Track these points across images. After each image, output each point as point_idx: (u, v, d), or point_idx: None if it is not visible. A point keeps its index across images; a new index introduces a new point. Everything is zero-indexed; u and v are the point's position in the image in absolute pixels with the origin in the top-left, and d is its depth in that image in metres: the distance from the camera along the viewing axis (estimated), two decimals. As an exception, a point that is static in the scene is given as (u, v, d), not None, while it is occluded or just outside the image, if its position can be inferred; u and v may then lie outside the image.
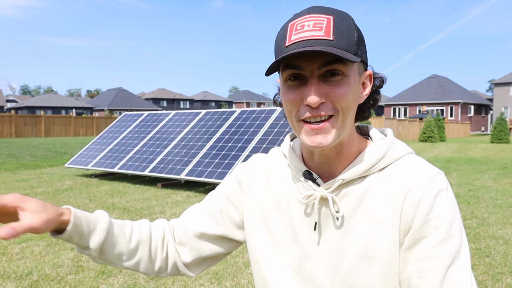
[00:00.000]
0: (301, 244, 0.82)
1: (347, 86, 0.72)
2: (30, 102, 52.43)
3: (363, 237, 0.76)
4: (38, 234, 0.74)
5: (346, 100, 0.72)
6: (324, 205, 0.80)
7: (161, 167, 7.39)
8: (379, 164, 0.79)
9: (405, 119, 26.37)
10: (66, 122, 26.98)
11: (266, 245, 0.87)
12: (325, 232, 0.80)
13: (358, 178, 0.79)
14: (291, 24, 0.73)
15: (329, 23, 0.70)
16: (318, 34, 0.69)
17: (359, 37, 0.74)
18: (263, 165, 0.94)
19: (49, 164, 11.01)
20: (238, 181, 0.95)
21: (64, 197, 6.54)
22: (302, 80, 0.73)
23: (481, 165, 10.89)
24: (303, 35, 0.70)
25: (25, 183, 7.95)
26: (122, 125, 9.91)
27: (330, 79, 0.72)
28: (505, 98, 43.13)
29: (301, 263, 0.82)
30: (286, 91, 0.75)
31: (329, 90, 0.71)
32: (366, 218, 0.77)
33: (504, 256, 3.71)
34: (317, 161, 0.83)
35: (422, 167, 0.78)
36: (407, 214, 0.74)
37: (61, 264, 3.56)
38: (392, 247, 0.74)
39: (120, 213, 5.43)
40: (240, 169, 0.97)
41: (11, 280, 3.22)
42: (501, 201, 6.14)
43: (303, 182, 0.83)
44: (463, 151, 15.70)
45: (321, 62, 0.70)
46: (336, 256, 0.78)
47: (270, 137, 6.94)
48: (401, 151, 0.82)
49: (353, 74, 0.74)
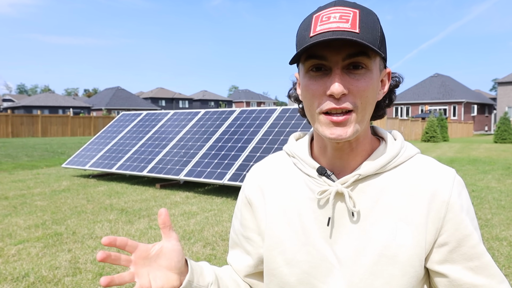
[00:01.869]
0: (314, 245, 0.81)
1: (369, 80, 0.73)
2: (26, 101, 52.41)
3: (383, 235, 0.76)
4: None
5: (366, 95, 0.73)
6: (339, 200, 0.80)
7: (159, 168, 7.39)
8: (394, 161, 0.81)
9: (408, 119, 26.36)
10: (63, 122, 26.98)
11: (277, 255, 0.86)
12: (341, 229, 0.79)
13: (373, 174, 0.80)
14: (316, 15, 0.73)
15: (355, 16, 0.71)
16: (345, 26, 0.69)
17: (382, 33, 0.75)
18: (264, 175, 0.93)
19: (46, 165, 11.01)
20: (249, 202, 0.93)
21: (61, 198, 6.53)
22: (325, 71, 0.73)
23: (484, 165, 10.88)
24: (329, 26, 0.70)
25: (22, 183, 7.95)
26: (120, 124, 9.91)
27: (354, 71, 0.72)
28: (509, 97, 43.11)
29: (317, 265, 0.80)
30: (309, 82, 0.75)
31: (352, 83, 0.72)
32: (386, 216, 0.77)
33: (508, 258, 3.71)
34: (329, 156, 0.82)
35: (439, 166, 0.82)
36: (437, 214, 0.77)
37: (58, 266, 3.56)
38: (416, 245, 0.76)
39: (118, 214, 5.43)
40: (246, 188, 0.95)
41: (7, 282, 3.22)
42: (505, 202, 6.14)
43: (316, 179, 0.82)
44: (466, 151, 15.70)
45: (346, 53, 0.71)
46: (353, 255, 0.78)
47: (270, 137, 6.94)
48: (412, 150, 0.84)
49: (375, 70, 0.75)
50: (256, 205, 0.91)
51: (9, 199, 6.42)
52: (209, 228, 4.74)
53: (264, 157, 6.49)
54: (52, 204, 6.09)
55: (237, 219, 0.96)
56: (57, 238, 4.37)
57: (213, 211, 5.61)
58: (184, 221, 5.04)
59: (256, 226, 0.91)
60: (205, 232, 4.56)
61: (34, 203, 6.16)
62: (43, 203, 6.16)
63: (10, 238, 4.36)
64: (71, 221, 5.08)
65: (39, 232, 4.58)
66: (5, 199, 6.46)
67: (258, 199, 0.91)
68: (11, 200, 6.38)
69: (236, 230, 0.97)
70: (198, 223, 4.97)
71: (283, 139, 6.72)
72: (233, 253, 0.98)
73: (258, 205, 0.91)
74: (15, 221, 5.05)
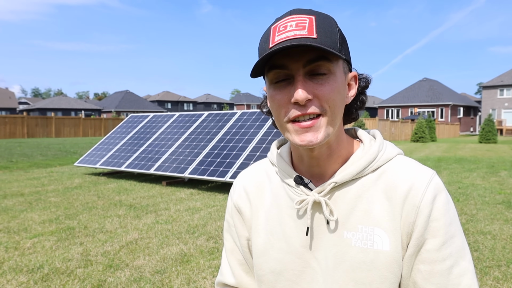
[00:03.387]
0: (296, 253, 0.78)
1: (333, 83, 0.69)
2: (41, 104, 52.41)
3: (360, 241, 0.72)
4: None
5: (333, 98, 0.69)
6: (318, 211, 0.76)
7: (165, 166, 7.39)
8: (372, 166, 0.76)
9: (398, 120, 26.35)
10: (76, 123, 26.97)
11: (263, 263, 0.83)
12: (319, 237, 0.76)
13: (351, 180, 0.75)
14: (274, 26, 0.70)
15: (312, 22, 0.67)
16: (302, 33, 0.66)
17: (341, 36, 0.71)
18: (250, 182, 0.89)
19: (59, 163, 11.01)
20: (238, 209, 0.89)
21: (73, 194, 6.53)
22: (288, 80, 0.70)
23: (470, 164, 10.88)
24: (287, 35, 0.67)
25: (37, 181, 7.95)
26: (129, 126, 9.91)
27: (316, 77, 0.69)
28: (493, 100, 43.11)
29: (300, 272, 0.77)
30: (273, 93, 0.72)
31: (316, 88, 0.68)
32: (362, 222, 0.73)
33: (491, 251, 3.71)
34: (306, 164, 0.78)
35: (416, 169, 0.75)
36: (408, 218, 0.71)
37: (71, 258, 3.55)
38: (393, 251, 0.71)
39: (126, 209, 5.43)
40: (234, 196, 0.90)
41: (23, 273, 3.22)
42: (489, 198, 6.14)
43: (294, 188, 0.78)
44: (453, 151, 15.69)
45: (306, 59, 0.67)
46: (333, 262, 0.74)
47: (269, 137, 6.94)
48: (392, 152, 0.79)
49: (339, 73, 0.71)
50: (244, 211, 0.88)
51: (25, 196, 6.42)
52: (212, 222, 4.74)
53: (264, 156, 6.49)
54: (65, 200, 6.08)
55: (230, 230, 0.91)
56: (69, 232, 4.37)
57: (216, 206, 5.61)
58: (188, 216, 5.04)
59: (247, 233, 0.88)
60: (208, 227, 4.56)
61: (48, 199, 6.16)
62: (56, 199, 6.16)
63: (26, 232, 4.36)
64: (83, 216, 5.08)
65: (53, 227, 4.58)
66: (21, 195, 6.46)
67: (245, 206, 0.87)
68: (26, 196, 6.38)
69: (232, 241, 0.91)
70: (202, 218, 4.97)
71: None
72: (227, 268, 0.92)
73: (245, 211, 0.87)
74: (31, 216, 5.05)
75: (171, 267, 3.33)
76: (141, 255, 3.62)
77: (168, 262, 3.44)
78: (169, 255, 3.62)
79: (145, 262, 3.44)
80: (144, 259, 3.51)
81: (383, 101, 46.60)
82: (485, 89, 43.83)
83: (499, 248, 3.78)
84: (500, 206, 5.56)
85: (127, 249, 3.78)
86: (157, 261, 3.47)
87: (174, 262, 3.45)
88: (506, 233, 4.25)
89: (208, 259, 3.50)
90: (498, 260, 3.48)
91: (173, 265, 3.38)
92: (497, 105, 42.78)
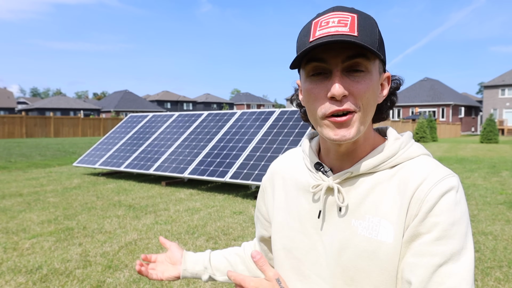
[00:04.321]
0: (307, 234, 0.82)
1: (369, 82, 0.71)
2: (40, 104, 52.39)
3: (366, 230, 0.75)
4: None
5: (367, 96, 0.71)
6: (330, 195, 0.80)
7: (165, 166, 7.39)
8: (390, 162, 0.77)
9: (399, 120, 26.35)
10: (74, 123, 26.97)
11: (278, 239, 0.90)
12: (328, 221, 0.79)
13: (367, 173, 0.78)
14: (315, 21, 0.72)
15: (354, 20, 0.69)
16: (343, 29, 0.68)
17: (380, 37, 0.73)
18: (279, 166, 0.96)
19: (58, 163, 11.01)
20: (263, 188, 1.00)
21: (72, 194, 6.54)
22: (325, 75, 0.72)
23: (471, 164, 10.88)
24: (328, 30, 0.69)
25: (35, 181, 7.95)
26: (128, 126, 9.91)
27: (353, 74, 0.71)
28: (494, 100, 43.12)
29: (307, 252, 0.82)
30: (310, 86, 0.73)
31: (352, 85, 0.70)
32: (371, 213, 0.75)
33: (493, 251, 3.71)
34: (332, 158, 0.82)
35: (434, 167, 0.74)
36: (411, 212, 0.71)
37: (70, 258, 3.56)
38: (396, 243, 0.72)
39: (126, 210, 5.43)
40: (264, 177, 1.02)
41: (22, 274, 3.22)
42: (490, 198, 6.14)
43: (314, 174, 0.83)
44: (454, 151, 15.70)
45: (346, 55, 0.69)
46: (338, 247, 0.77)
47: (269, 137, 6.94)
48: (416, 151, 0.79)
49: (375, 72, 0.73)
50: (267, 191, 0.96)
51: (24, 196, 6.42)
52: (212, 223, 4.74)
53: (264, 156, 6.49)
54: (64, 200, 6.09)
55: (257, 204, 1.04)
56: (68, 232, 4.37)
57: (215, 207, 5.61)
58: (188, 217, 5.04)
59: (265, 211, 0.97)
60: (208, 227, 4.56)
61: (47, 199, 6.16)
62: (55, 199, 6.16)
63: (25, 233, 4.36)
64: (82, 216, 5.08)
65: (52, 227, 4.58)
66: (20, 196, 6.46)
67: (269, 187, 0.96)
68: (25, 196, 6.38)
69: (255, 214, 1.05)
70: (202, 218, 4.97)
71: (281, 139, 6.72)
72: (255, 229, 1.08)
73: (268, 191, 0.96)
74: (29, 217, 5.05)
75: (170, 268, 3.33)
76: (140, 255, 3.63)
77: (168, 263, 3.44)
78: (168, 255, 3.62)
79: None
80: (143, 260, 3.51)
81: (384, 100, 46.56)
82: (487, 88, 43.83)
83: (500, 249, 3.78)
84: (501, 207, 5.56)
85: (126, 250, 3.78)
86: (157, 261, 3.47)
87: (173, 262, 3.45)
88: (507, 234, 4.25)
89: (208, 260, 3.50)
90: (500, 260, 3.48)
91: (173, 265, 3.38)
92: (499, 105, 42.78)
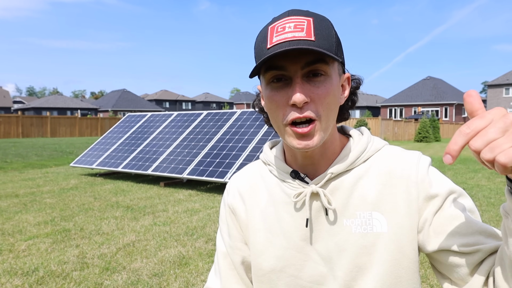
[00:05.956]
0: (297, 248, 0.80)
1: (329, 86, 0.72)
2: (36, 103, 52.41)
3: (360, 227, 0.76)
4: None
5: (327, 101, 0.72)
6: (315, 200, 0.79)
7: (163, 167, 7.39)
8: (363, 156, 0.81)
9: (401, 120, 26.34)
10: (72, 123, 26.97)
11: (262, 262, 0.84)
12: (318, 229, 0.79)
13: (344, 171, 0.80)
14: (271, 27, 0.72)
15: (310, 25, 0.70)
16: (300, 35, 0.68)
17: (337, 39, 0.74)
18: (243, 183, 0.92)
19: (55, 164, 11.01)
20: (232, 211, 0.91)
21: (69, 195, 6.53)
22: (285, 82, 0.72)
23: (475, 164, 10.88)
24: (285, 36, 0.69)
25: (32, 182, 7.95)
26: (126, 125, 9.91)
27: (313, 79, 0.71)
28: (498, 99, 43.15)
29: (302, 266, 0.80)
30: (271, 93, 0.74)
31: (313, 91, 0.71)
32: (360, 208, 0.77)
33: (497, 253, 3.71)
34: (300, 163, 0.82)
35: (404, 152, 0.81)
36: (410, 196, 0.75)
37: (66, 260, 3.55)
38: (390, 232, 0.75)
39: (123, 211, 5.43)
40: (228, 198, 0.93)
41: (18, 276, 3.22)
42: (494, 199, 6.14)
43: (290, 183, 0.82)
44: (457, 151, 15.68)
45: (304, 62, 0.70)
46: (335, 251, 0.77)
47: (269, 137, 6.94)
48: (380, 143, 0.84)
49: (334, 75, 0.74)
50: (238, 212, 0.90)
51: (20, 197, 6.42)
52: (211, 224, 4.74)
53: (263, 156, 6.48)
54: (60, 201, 6.08)
55: (224, 233, 0.93)
56: (65, 234, 4.36)
57: (215, 208, 5.61)
58: (187, 218, 5.04)
59: (241, 235, 0.90)
60: (207, 228, 4.56)
61: (43, 200, 6.15)
62: (52, 200, 6.16)
63: (21, 234, 4.36)
64: (79, 217, 5.08)
65: (48, 229, 4.58)
66: (16, 196, 6.46)
67: (239, 207, 0.90)
68: (21, 197, 6.38)
69: (225, 244, 0.92)
70: (201, 219, 4.97)
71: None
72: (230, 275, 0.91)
73: (240, 212, 0.90)
74: (25, 218, 5.05)
75: (169, 270, 3.33)
76: (138, 257, 3.62)
77: (166, 265, 3.44)
78: (167, 257, 3.62)
79: (143, 265, 3.44)
80: (141, 262, 3.51)
81: (386, 100, 46.64)
82: (490, 88, 43.87)
83: (504, 251, 3.78)
84: (505, 208, 5.56)
85: (124, 252, 3.78)
86: (155, 263, 3.47)
87: (172, 264, 3.45)
88: None
89: (207, 262, 3.50)
90: (504, 262, 3.48)
91: (171, 267, 3.38)
92: (503, 104, 42.80)
